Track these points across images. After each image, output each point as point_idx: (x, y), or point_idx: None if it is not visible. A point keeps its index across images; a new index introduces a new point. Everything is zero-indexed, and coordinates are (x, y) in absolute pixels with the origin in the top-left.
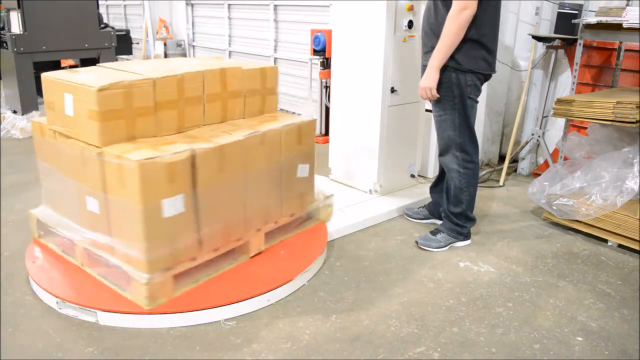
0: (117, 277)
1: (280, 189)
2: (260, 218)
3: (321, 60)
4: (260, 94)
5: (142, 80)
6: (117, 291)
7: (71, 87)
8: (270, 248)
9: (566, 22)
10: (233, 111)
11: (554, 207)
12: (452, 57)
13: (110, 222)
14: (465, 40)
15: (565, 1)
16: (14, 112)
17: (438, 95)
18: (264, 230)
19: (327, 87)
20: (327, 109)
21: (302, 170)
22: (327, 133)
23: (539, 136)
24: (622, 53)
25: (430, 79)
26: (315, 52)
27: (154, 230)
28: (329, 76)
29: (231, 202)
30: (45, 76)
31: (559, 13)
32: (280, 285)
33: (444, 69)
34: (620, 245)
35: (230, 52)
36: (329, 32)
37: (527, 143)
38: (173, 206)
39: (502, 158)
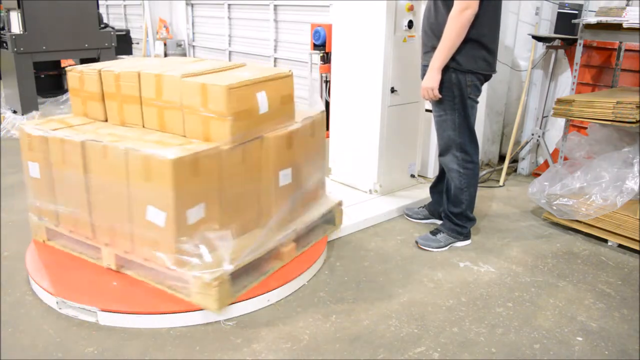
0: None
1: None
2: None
3: (321, 54)
4: (193, 111)
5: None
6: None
7: None
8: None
9: (566, 22)
10: (173, 122)
11: (554, 207)
12: (452, 57)
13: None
14: (466, 40)
15: (565, 1)
16: (14, 112)
17: (440, 96)
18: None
19: (327, 82)
20: (327, 104)
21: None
22: (327, 128)
23: (539, 136)
24: (622, 53)
25: (432, 79)
26: (315, 46)
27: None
28: (329, 70)
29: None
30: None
31: (559, 13)
32: (280, 285)
33: (444, 70)
34: (620, 245)
35: (230, 52)
36: (329, 27)
37: (527, 143)
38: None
39: (502, 158)
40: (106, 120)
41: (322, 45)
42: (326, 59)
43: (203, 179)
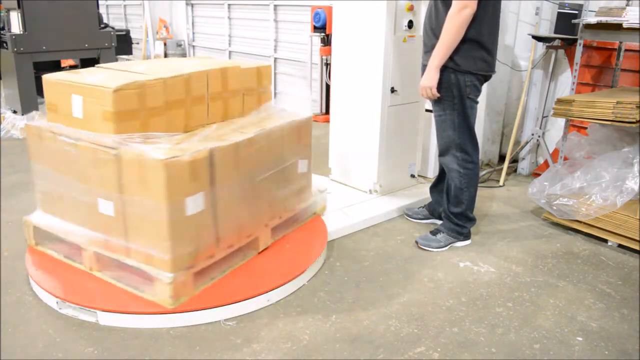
0: (133, 279)
1: (285, 185)
2: (267, 213)
3: (321, 36)
4: (256, 92)
5: (155, 81)
6: (135, 293)
7: (82, 88)
8: (275, 243)
9: (566, 22)
10: (233, 109)
11: (554, 207)
12: (450, 57)
13: (126, 223)
14: (465, 40)
15: (565, 1)
16: (14, 112)
17: (439, 95)
18: (270, 226)
19: (327, 65)
20: (328, 87)
21: (302, 165)
22: (327, 112)
23: (539, 136)
24: (622, 53)
25: (430, 78)
26: (315, 28)
27: (178, 228)
28: (329, 53)
29: (244, 199)
30: (48, 78)
31: (559, 13)
32: (280, 285)
33: (443, 70)
34: (620, 245)
35: (230, 52)
36: (329, 8)
37: (527, 143)
38: (195, 204)
39: (502, 158)
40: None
41: (322, 28)
42: (326, 41)
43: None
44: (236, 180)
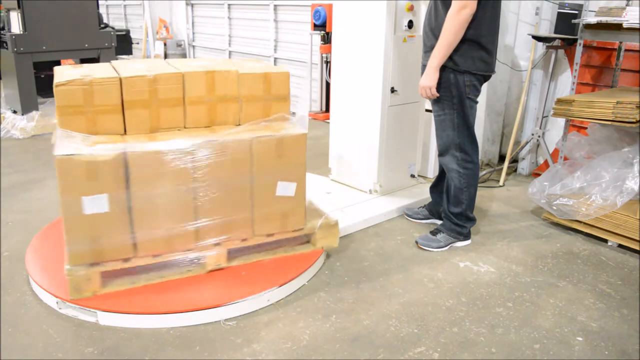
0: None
1: (250, 206)
2: (218, 232)
3: (321, 34)
4: (262, 101)
5: (105, 79)
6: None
7: None
8: (238, 267)
9: (566, 22)
10: (224, 116)
11: (554, 207)
12: (450, 57)
13: None
14: (464, 40)
15: (565, 1)
16: (14, 112)
17: (438, 95)
18: (225, 246)
19: (327, 62)
20: (328, 85)
21: (284, 188)
22: (327, 110)
23: (539, 136)
24: (622, 53)
25: (430, 78)
26: (315, 26)
27: (73, 225)
28: (329, 51)
29: (174, 210)
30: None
31: (559, 13)
32: (280, 285)
33: (442, 70)
34: (620, 245)
35: (230, 52)
36: (330, 6)
37: (527, 143)
38: (95, 204)
39: (502, 158)
40: (125, 133)
41: (322, 25)
42: (326, 39)
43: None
44: (160, 188)
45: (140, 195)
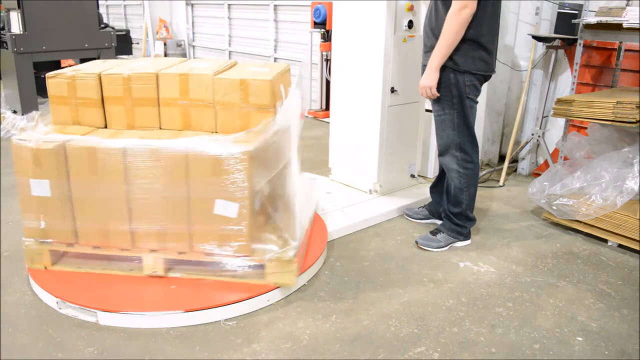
0: None
1: (187, 219)
2: (153, 239)
3: (322, 32)
4: (237, 108)
5: (85, 74)
6: None
7: None
8: (180, 280)
9: (566, 22)
10: (200, 121)
11: (554, 207)
12: (450, 57)
13: None
14: (464, 40)
15: (565, 1)
16: (14, 112)
17: (438, 94)
18: (161, 255)
19: (327, 60)
20: (328, 83)
21: (224, 207)
22: (327, 108)
23: (539, 136)
24: (622, 53)
25: (430, 77)
26: (315, 24)
27: (25, 203)
28: (329, 48)
29: (108, 208)
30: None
31: (559, 13)
32: (281, 285)
33: (442, 69)
34: (620, 245)
35: (230, 52)
36: (330, 4)
37: (527, 143)
38: (40, 188)
39: (502, 158)
40: (106, 126)
41: (322, 24)
42: (326, 37)
43: (263, 167)
44: (95, 184)
45: (78, 186)
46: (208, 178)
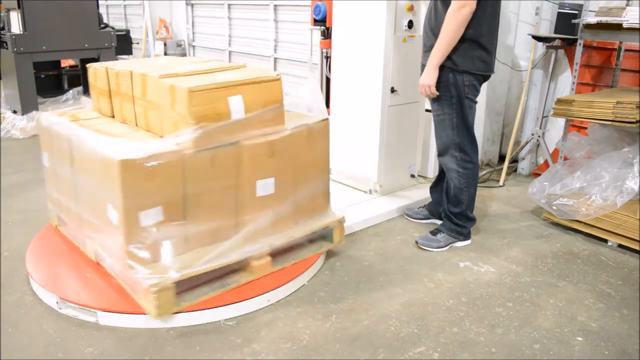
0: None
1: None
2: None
3: (322, 29)
4: (166, 115)
5: (102, 68)
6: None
7: None
8: None
9: (566, 22)
10: (154, 123)
11: (554, 207)
12: (449, 57)
13: None
14: (463, 40)
15: (565, 1)
16: (14, 112)
17: (437, 93)
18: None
19: (327, 58)
20: (328, 80)
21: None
22: (327, 105)
23: (539, 136)
24: (622, 53)
25: (429, 76)
26: (315, 21)
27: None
28: (329, 46)
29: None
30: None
31: (559, 13)
32: (280, 285)
33: (441, 69)
34: (620, 245)
35: (230, 52)
36: (330, 2)
37: (527, 143)
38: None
39: (502, 158)
40: (113, 117)
41: (322, 21)
42: (326, 34)
43: (159, 181)
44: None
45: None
46: (101, 182)
